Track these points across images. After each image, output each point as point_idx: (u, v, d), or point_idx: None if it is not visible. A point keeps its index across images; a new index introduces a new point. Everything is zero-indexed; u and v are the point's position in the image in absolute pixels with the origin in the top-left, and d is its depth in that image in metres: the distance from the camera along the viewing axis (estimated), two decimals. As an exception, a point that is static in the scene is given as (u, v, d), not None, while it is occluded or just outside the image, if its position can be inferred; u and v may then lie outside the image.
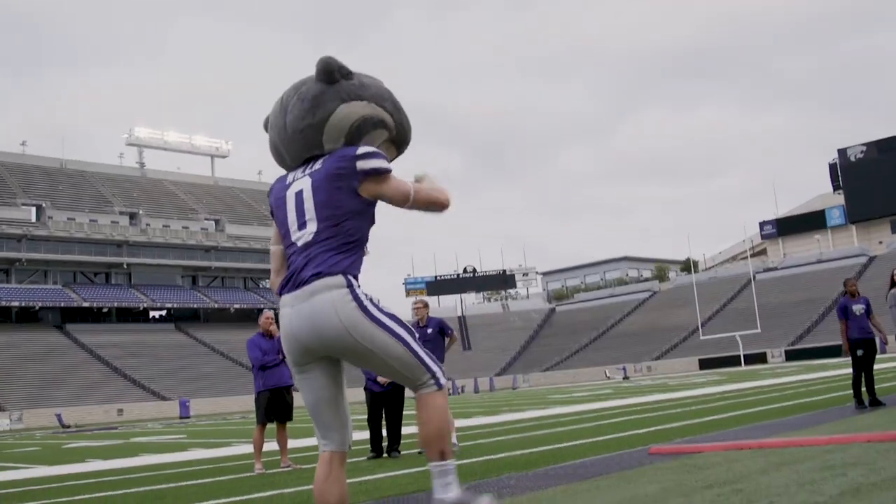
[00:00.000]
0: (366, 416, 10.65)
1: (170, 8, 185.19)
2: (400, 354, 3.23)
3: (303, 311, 3.22)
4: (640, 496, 4.96)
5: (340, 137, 3.42)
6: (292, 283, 3.28)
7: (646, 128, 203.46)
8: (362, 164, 3.29)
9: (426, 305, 10.83)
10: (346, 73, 3.49)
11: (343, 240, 3.28)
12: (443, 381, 3.30)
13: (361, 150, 3.34)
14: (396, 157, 3.68)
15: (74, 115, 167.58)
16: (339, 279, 3.20)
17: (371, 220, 3.41)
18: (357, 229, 3.32)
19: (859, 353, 11.34)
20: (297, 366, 3.32)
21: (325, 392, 3.32)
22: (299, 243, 3.34)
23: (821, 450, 6.26)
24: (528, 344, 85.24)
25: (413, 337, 3.28)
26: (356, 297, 3.20)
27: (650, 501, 4.71)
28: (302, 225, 3.34)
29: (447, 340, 10.80)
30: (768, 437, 7.70)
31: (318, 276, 3.22)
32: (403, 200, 3.36)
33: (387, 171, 3.34)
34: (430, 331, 10.57)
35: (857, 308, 11.45)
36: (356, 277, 3.26)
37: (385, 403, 10.59)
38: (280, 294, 3.35)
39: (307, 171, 3.43)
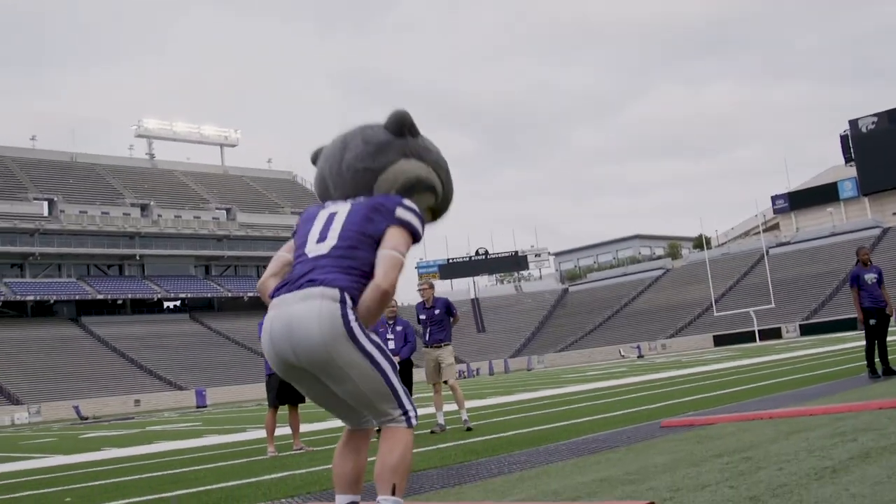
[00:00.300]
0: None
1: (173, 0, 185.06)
2: (375, 385, 3.13)
3: (284, 316, 3.13)
4: (649, 466, 4.95)
5: (391, 189, 3.49)
6: (288, 286, 3.22)
7: (657, 104, 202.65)
8: (401, 214, 3.33)
9: (431, 286, 10.87)
10: (415, 132, 3.61)
11: (354, 264, 3.23)
12: (414, 420, 3.21)
13: (409, 202, 3.40)
14: (429, 222, 3.71)
15: (83, 108, 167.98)
16: (335, 293, 3.11)
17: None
18: (367, 261, 3.25)
19: (872, 322, 11.26)
20: (280, 374, 3.26)
21: (325, 397, 3.31)
22: (310, 254, 3.31)
23: (832, 418, 6.24)
24: (541, 325, 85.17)
25: (394, 370, 3.19)
26: (344, 315, 3.09)
27: (659, 471, 4.70)
28: (322, 239, 3.33)
29: (452, 320, 10.81)
30: (780, 408, 7.67)
31: (314, 283, 3.15)
32: (390, 252, 3.25)
33: (413, 234, 3.36)
34: (437, 311, 10.60)
35: (870, 277, 11.35)
36: (353, 300, 3.14)
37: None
38: (271, 297, 3.27)
39: (350, 202, 3.46)
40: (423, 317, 10.67)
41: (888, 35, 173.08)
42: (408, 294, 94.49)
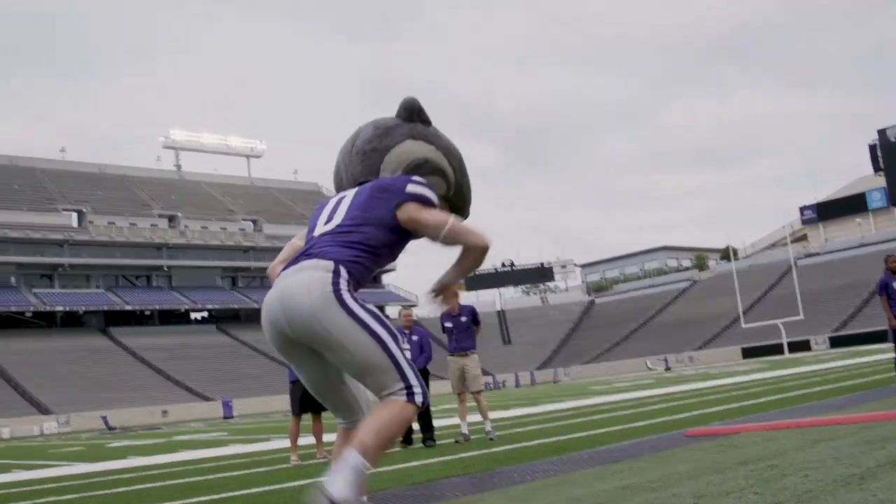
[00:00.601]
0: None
1: (201, 10, 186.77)
2: (372, 353, 3.02)
3: (278, 288, 3.14)
4: (672, 474, 4.88)
5: (398, 170, 3.49)
6: (291, 262, 3.24)
7: (683, 115, 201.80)
8: (412, 188, 3.32)
9: (456, 294, 10.79)
10: (425, 119, 3.65)
11: (356, 238, 3.22)
12: (419, 398, 3.04)
13: (417, 178, 3.40)
14: None
15: (112, 120, 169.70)
16: (328, 264, 3.10)
17: (393, 247, 3.34)
18: (376, 239, 3.25)
19: (900, 331, 11.10)
20: (277, 350, 3.23)
21: (319, 381, 3.25)
22: (317, 234, 3.34)
23: (859, 427, 6.13)
24: (568, 337, 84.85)
25: (395, 341, 3.07)
26: (335, 283, 3.05)
27: (683, 478, 4.64)
28: (329, 220, 3.36)
29: (476, 328, 10.75)
30: (806, 418, 7.56)
31: (310, 256, 3.16)
32: (436, 230, 3.28)
33: (432, 202, 3.34)
34: (463, 319, 10.55)
35: (898, 286, 11.20)
36: (350, 274, 3.12)
37: None
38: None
39: (357, 187, 3.49)
40: (448, 324, 10.59)
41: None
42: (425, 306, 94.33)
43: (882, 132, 77.78)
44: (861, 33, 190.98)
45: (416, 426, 10.67)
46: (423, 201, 3.31)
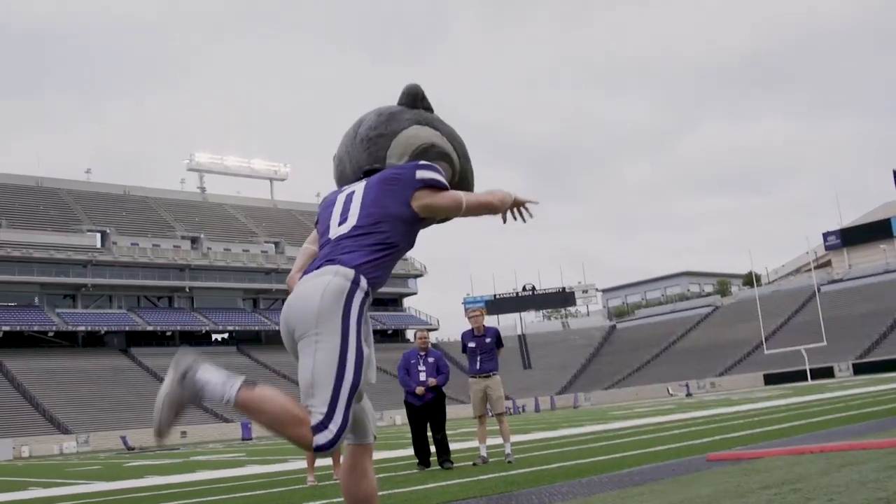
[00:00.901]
0: (409, 431, 10.57)
1: (227, 32, 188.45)
2: (326, 374, 2.90)
3: (297, 288, 3.10)
4: (693, 498, 4.79)
5: (404, 156, 3.45)
6: (310, 267, 3.19)
7: (707, 139, 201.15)
8: (422, 174, 3.29)
9: (483, 314, 10.71)
10: (428, 105, 3.64)
11: (375, 240, 3.16)
12: (326, 439, 2.82)
13: (423, 162, 3.37)
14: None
15: (137, 143, 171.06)
16: (350, 272, 3.03)
17: (410, 237, 3.31)
18: (393, 235, 3.21)
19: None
20: (290, 352, 3.19)
21: None
22: (333, 237, 3.27)
23: (885, 452, 6.00)
24: (588, 362, 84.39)
25: (353, 384, 2.90)
26: (351, 293, 2.99)
27: (704, 502, 4.54)
28: (343, 221, 3.29)
29: (498, 351, 10.66)
30: (831, 442, 7.42)
31: (332, 262, 3.09)
32: (457, 207, 3.32)
33: (444, 186, 3.32)
34: (488, 340, 10.47)
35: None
36: (371, 284, 3.07)
37: (427, 416, 10.51)
38: None
39: (365, 180, 3.42)
40: (472, 345, 10.48)
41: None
42: (447, 327, 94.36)
43: (907, 158, 77.20)
44: (885, 58, 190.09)
45: (432, 448, 10.57)
46: (435, 186, 3.29)
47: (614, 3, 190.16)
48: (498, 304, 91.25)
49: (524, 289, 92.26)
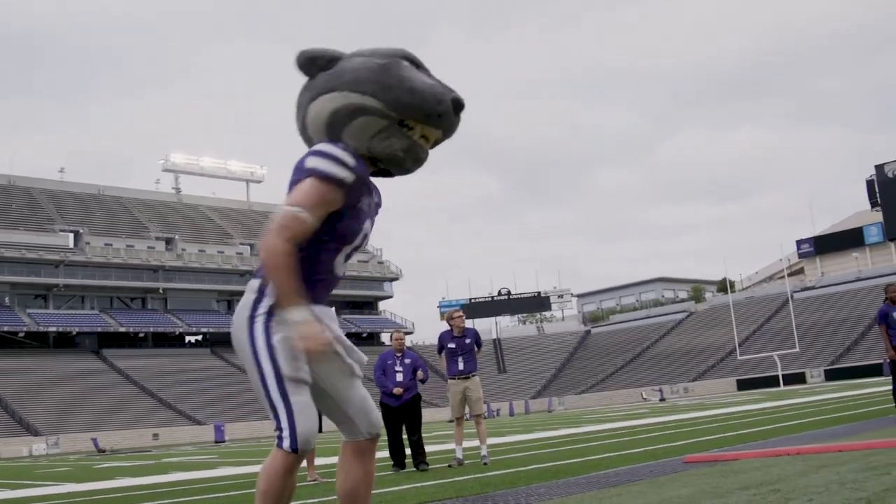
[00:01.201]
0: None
1: (204, 33, 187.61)
2: (258, 389, 2.86)
3: None
4: (672, 498, 4.76)
5: (323, 138, 3.06)
6: None
7: (684, 148, 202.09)
8: (310, 162, 2.91)
9: (462, 316, 10.66)
10: (325, 64, 3.08)
11: None
12: (287, 442, 2.79)
13: (323, 146, 2.94)
14: (435, 140, 3.12)
15: (112, 142, 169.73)
16: (255, 283, 2.96)
17: (325, 227, 2.92)
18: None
19: (899, 362, 10.97)
20: None
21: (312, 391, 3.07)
22: None
23: (861, 454, 6.01)
24: (563, 366, 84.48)
25: (278, 379, 2.80)
26: (254, 307, 2.90)
27: (684, 502, 4.51)
28: None
29: (478, 351, 10.61)
30: (807, 445, 7.43)
31: (254, 275, 3.03)
32: (266, 247, 2.84)
33: (323, 177, 2.85)
34: (468, 340, 10.43)
35: (898, 315, 11.08)
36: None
37: (403, 418, 10.44)
38: None
39: None
40: (452, 345, 10.41)
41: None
42: (422, 331, 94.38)
43: (880, 168, 78.01)
44: (861, 70, 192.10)
45: (407, 451, 10.50)
46: (316, 175, 2.87)
47: (595, 12, 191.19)
48: (473, 308, 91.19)
49: (500, 293, 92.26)
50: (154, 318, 76.09)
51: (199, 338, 79.42)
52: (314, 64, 3.09)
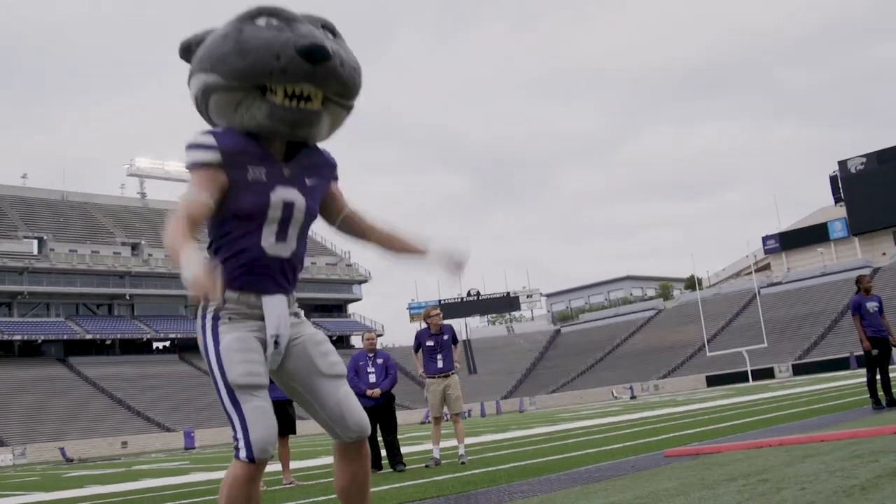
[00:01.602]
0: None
1: (167, 37, 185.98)
2: (217, 396, 2.76)
3: None
4: (660, 491, 4.69)
5: (212, 124, 2.98)
6: None
7: (649, 146, 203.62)
8: (186, 157, 2.82)
9: (439, 314, 10.56)
10: (187, 58, 2.98)
11: (209, 243, 2.93)
12: (243, 452, 2.68)
13: (190, 139, 2.83)
14: (320, 95, 2.84)
15: (75, 147, 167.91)
16: None
17: (221, 218, 2.83)
18: (211, 228, 2.89)
19: (874, 352, 11.00)
20: None
21: (292, 395, 3.01)
22: None
23: (845, 443, 5.98)
24: (533, 366, 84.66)
25: (227, 386, 2.71)
26: (203, 312, 2.85)
27: (671, 495, 4.44)
28: None
29: (455, 348, 10.51)
30: (787, 436, 7.41)
31: None
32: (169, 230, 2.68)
33: (189, 167, 2.79)
34: (445, 337, 10.33)
35: (871, 305, 11.12)
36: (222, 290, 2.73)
37: (377, 418, 10.31)
38: None
39: None
40: (430, 343, 10.28)
41: (878, 77, 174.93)
42: (407, 336, 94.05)
43: (842, 163, 79.01)
44: (822, 67, 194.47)
45: (382, 452, 10.39)
46: (188, 168, 2.81)
47: (559, 11, 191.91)
48: (443, 309, 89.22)
49: (469, 294, 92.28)
50: (121, 325, 75.27)
51: (167, 344, 78.68)
52: (190, 51, 2.97)
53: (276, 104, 2.76)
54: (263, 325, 2.84)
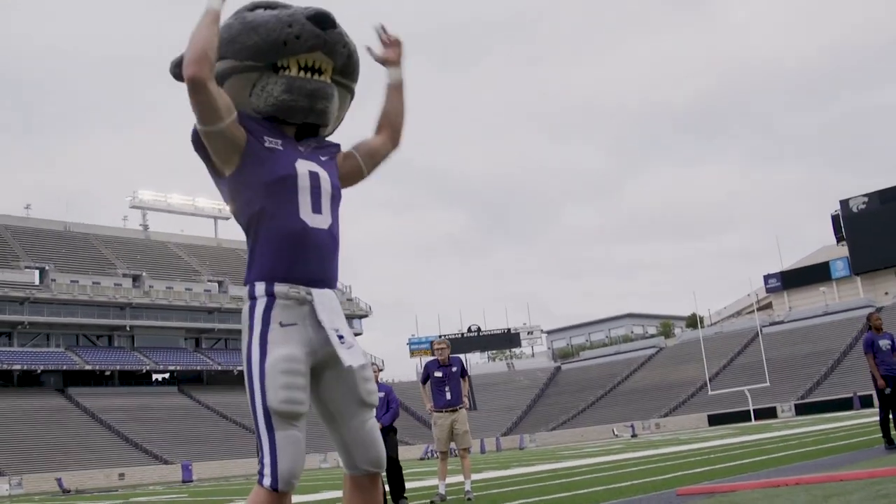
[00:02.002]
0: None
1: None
2: (251, 409, 2.63)
3: None
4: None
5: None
6: None
7: (651, 185, 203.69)
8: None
9: (448, 346, 10.45)
10: (176, 73, 2.97)
11: (248, 237, 2.83)
12: (268, 480, 2.56)
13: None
14: (331, 68, 2.92)
15: (79, 179, 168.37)
16: (245, 292, 2.81)
17: (248, 194, 2.76)
18: (244, 216, 2.79)
19: (887, 391, 10.87)
20: None
21: (316, 405, 2.85)
22: None
23: (866, 482, 5.87)
24: (534, 403, 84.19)
25: (265, 409, 2.57)
26: (250, 314, 2.72)
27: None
28: None
29: (464, 381, 10.39)
30: (805, 475, 7.28)
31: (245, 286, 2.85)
32: (188, 62, 2.62)
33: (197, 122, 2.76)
34: (454, 369, 10.20)
35: (884, 343, 11.01)
36: (267, 280, 2.71)
37: None
38: None
39: None
40: (439, 374, 10.13)
41: (878, 117, 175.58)
42: (405, 372, 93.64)
43: (844, 203, 79.11)
44: (823, 108, 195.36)
45: (386, 487, 10.23)
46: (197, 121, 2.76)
47: (561, 49, 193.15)
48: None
49: (469, 329, 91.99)
50: (121, 356, 74.99)
51: (167, 376, 78.30)
52: (175, 76, 2.97)
53: (293, 76, 2.80)
54: (316, 324, 2.72)
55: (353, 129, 3.35)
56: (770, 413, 56.91)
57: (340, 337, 2.73)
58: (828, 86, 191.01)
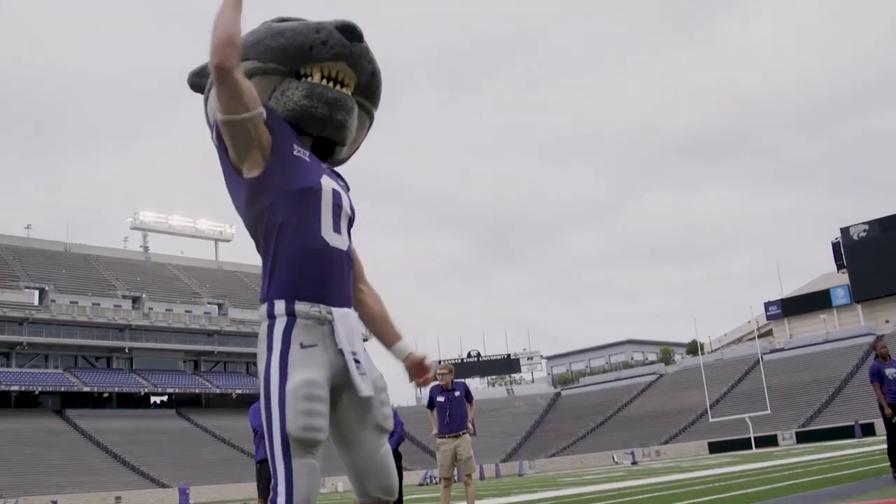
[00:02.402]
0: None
1: (172, 92, 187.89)
2: (267, 433, 2.53)
3: None
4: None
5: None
6: None
7: (651, 211, 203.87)
8: (212, 113, 2.70)
9: (451, 371, 10.38)
10: (201, 77, 2.95)
11: (263, 248, 2.71)
12: None
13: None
14: (351, 80, 2.86)
15: (80, 200, 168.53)
16: (264, 308, 2.66)
17: (270, 201, 2.65)
18: (261, 226, 2.70)
19: (894, 419, 10.78)
20: None
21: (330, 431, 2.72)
22: None
23: (881, 512, 5.80)
24: (533, 429, 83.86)
25: (283, 435, 2.48)
26: (270, 331, 2.60)
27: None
28: None
29: (470, 406, 10.31)
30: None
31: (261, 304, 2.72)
32: (219, 101, 2.59)
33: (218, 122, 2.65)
34: (457, 393, 10.13)
35: (890, 371, 10.92)
36: (287, 298, 2.60)
37: None
38: None
39: None
40: (441, 399, 10.04)
41: (879, 144, 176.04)
42: (404, 397, 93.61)
43: (845, 230, 79.17)
44: (824, 136, 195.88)
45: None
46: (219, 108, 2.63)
47: (561, 75, 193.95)
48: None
49: (469, 355, 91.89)
50: (119, 378, 74.74)
51: (165, 398, 78.03)
52: (202, 74, 2.93)
53: (314, 83, 2.75)
54: (335, 345, 2.65)
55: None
56: (771, 441, 56.64)
57: (357, 362, 2.68)
58: (829, 112, 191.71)
